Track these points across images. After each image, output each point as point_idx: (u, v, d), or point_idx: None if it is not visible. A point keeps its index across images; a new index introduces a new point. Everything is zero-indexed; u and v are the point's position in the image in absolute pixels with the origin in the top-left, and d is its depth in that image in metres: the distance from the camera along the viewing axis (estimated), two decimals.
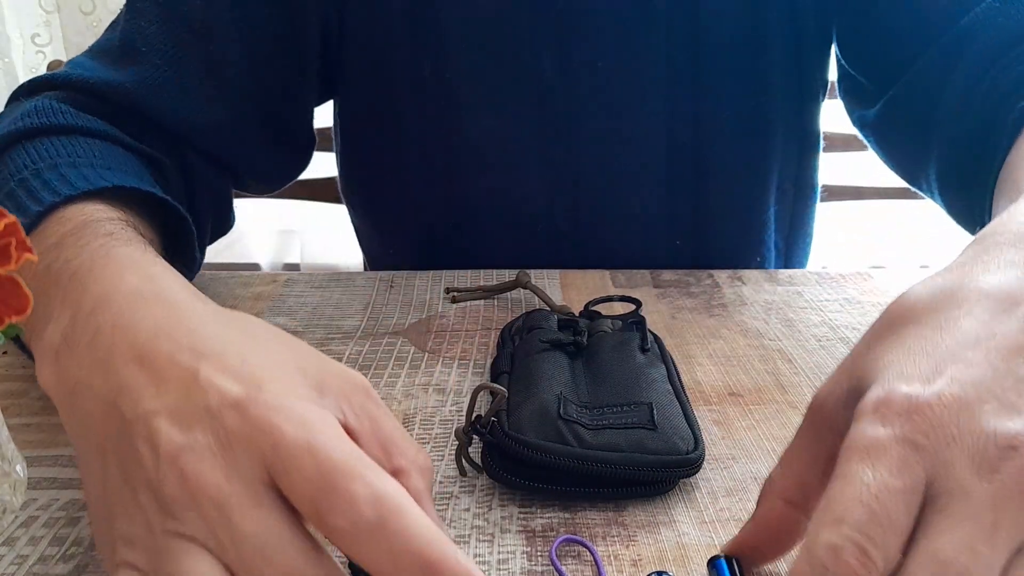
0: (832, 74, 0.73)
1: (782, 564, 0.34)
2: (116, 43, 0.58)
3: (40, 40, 1.96)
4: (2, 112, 0.58)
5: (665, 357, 0.48)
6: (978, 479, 0.23)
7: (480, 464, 0.40)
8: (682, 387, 0.45)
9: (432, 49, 0.65)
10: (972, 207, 0.55)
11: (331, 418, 0.29)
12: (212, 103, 0.59)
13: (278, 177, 0.70)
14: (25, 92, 0.58)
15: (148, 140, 0.56)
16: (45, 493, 0.40)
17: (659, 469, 0.39)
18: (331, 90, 0.70)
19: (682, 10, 0.64)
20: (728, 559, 0.34)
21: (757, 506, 0.32)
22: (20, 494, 0.38)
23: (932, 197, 0.62)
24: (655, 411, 0.41)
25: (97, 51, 0.59)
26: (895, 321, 0.30)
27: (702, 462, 0.40)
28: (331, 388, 0.31)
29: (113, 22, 0.61)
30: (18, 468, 0.38)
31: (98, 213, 0.43)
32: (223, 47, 0.59)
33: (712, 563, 0.34)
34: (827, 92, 0.75)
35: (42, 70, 1.85)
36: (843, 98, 0.71)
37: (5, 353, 0.52)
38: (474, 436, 0.40)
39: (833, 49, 0.70)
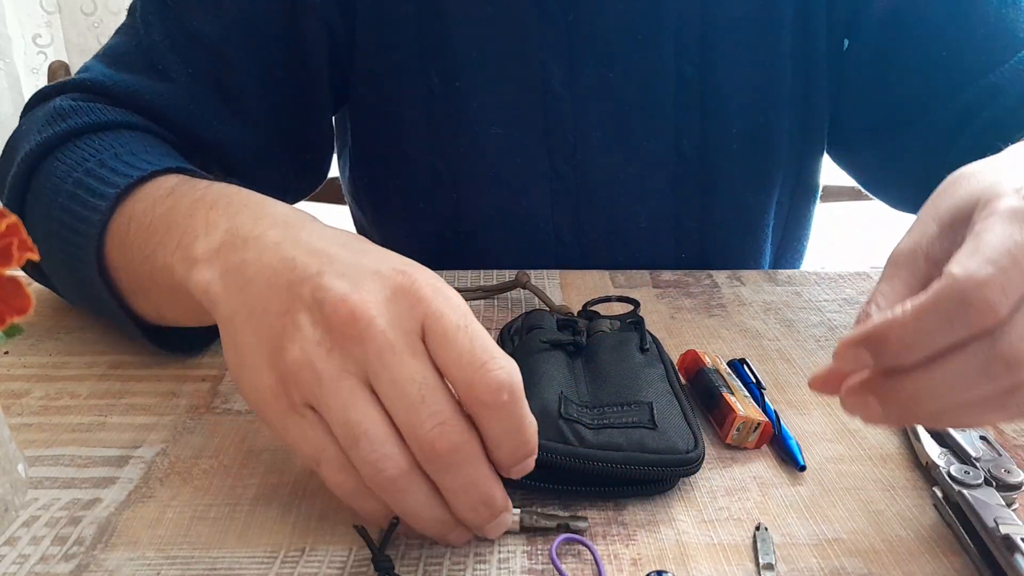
0: None
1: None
2: (132, 53, 0.59)
3: (41, 41, 1.96)
4: (26, 118, 0.57)
5: (663, 357, 0.48)
6: None
7: None
8: (681, 387, 0.45)
9: (441, 59, 0.65)
10: None
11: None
12: (227, 125, 0.60)
13: (295, 191, 0.71)
14: (41, 99, 0.58)
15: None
16: (46, 493, 0.40)
17: (659, 468, 0.39)
18: (344, 97, 0.70)
19: (691, 24, 0.64)
20: (742, 360, 0.48)
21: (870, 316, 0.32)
22: (21, 494, 0.38)
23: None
24: (655, 410, 0.41)
25: (112, 57, 0.59)
26: (958, 178, 0.35)
27: (702, 461, 0.40)
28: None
29: (125, 26, 0.61)
30: (19, 468, 0.38)
31: (184, 175, 0.47)
32: (237, 75, 0.60)
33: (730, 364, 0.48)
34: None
35: (43, 71, 1.85)
36: (830, 147, 0.72)
37: (7, 353, 0.52)
38: None
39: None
